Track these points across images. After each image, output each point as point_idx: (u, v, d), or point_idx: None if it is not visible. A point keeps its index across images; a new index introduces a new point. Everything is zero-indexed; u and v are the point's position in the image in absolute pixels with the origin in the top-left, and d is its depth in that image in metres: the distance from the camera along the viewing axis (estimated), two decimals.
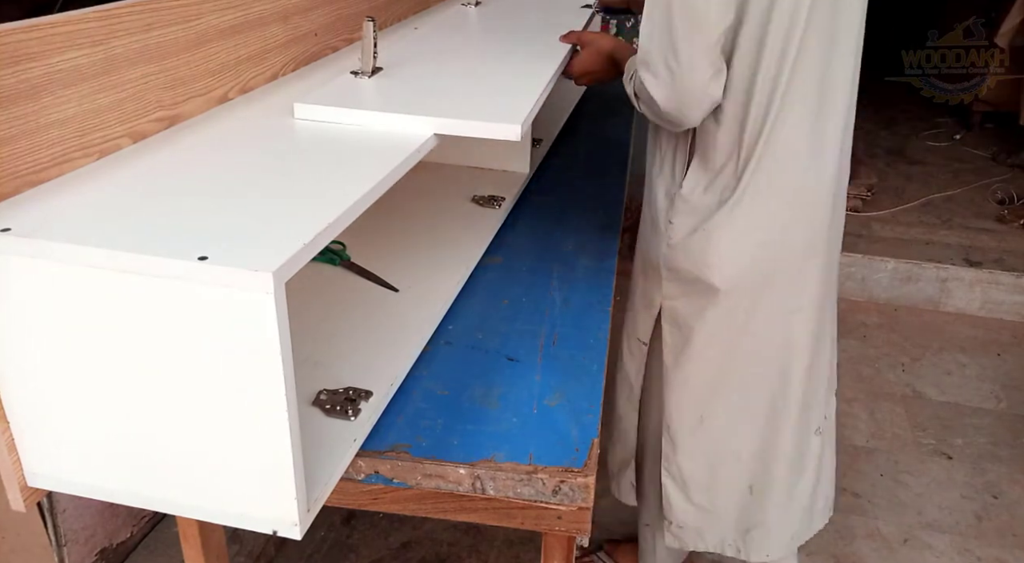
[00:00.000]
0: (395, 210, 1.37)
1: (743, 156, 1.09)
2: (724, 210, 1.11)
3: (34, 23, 0.70)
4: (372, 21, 1.03)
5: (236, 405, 0.66)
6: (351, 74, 1.07)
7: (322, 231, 0.67)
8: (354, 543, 1.81)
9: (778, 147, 1.08)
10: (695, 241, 1.14)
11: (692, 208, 1.14)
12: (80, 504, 1.55)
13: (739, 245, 1.13)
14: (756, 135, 1.07)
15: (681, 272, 1.17)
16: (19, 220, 0.67)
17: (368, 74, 1.06)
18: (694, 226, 1.13)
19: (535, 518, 0.85)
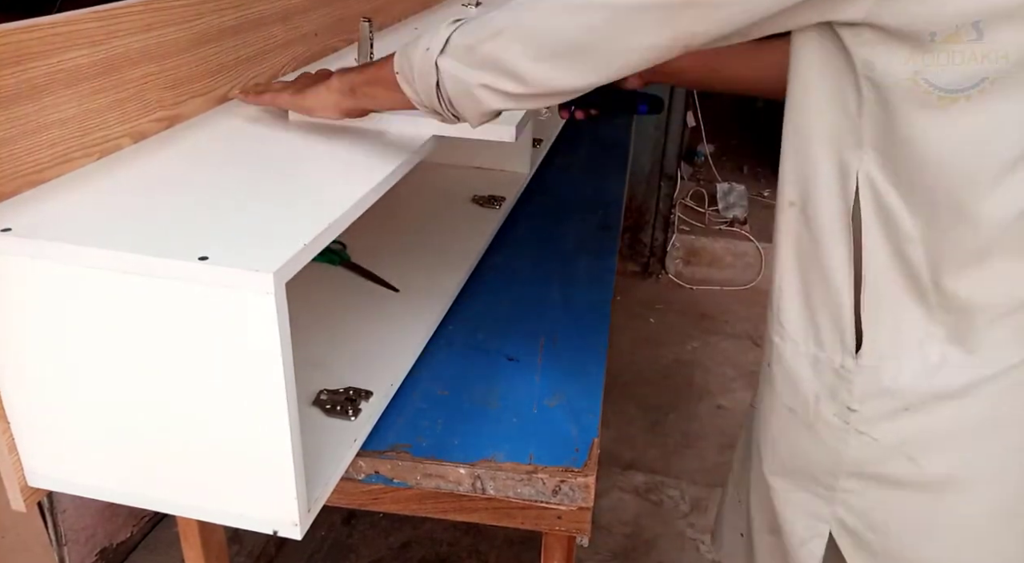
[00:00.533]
0: (395, 210, 1.37)
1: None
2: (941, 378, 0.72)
3: (34, 23, 0.70)
4: (368, 22, 1.03)
5: (236, 405, 0.66)
6: None
7: (323, 231, 0.67)
8: (354, 543, 1.81)
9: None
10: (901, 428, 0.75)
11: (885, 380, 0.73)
12: (80, 504, 1.55)
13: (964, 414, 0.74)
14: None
15: (874, 474, 0.77)
16: (19, 220, 0.67)
17: None
18: (898, 406, 0.74)
19: (535, 518, 0.85)
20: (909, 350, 0.72)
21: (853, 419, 0.75)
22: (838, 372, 0.74)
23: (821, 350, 0.75)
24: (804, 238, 0.72)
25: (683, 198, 3.25)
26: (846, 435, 0.75)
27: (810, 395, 0.77)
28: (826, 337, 0.75)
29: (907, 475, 0.75)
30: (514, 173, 1.55)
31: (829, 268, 0.71)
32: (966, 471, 0.75)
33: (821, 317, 0.74)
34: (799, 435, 0.79)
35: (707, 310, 2.89)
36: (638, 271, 3.13)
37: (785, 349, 0.78)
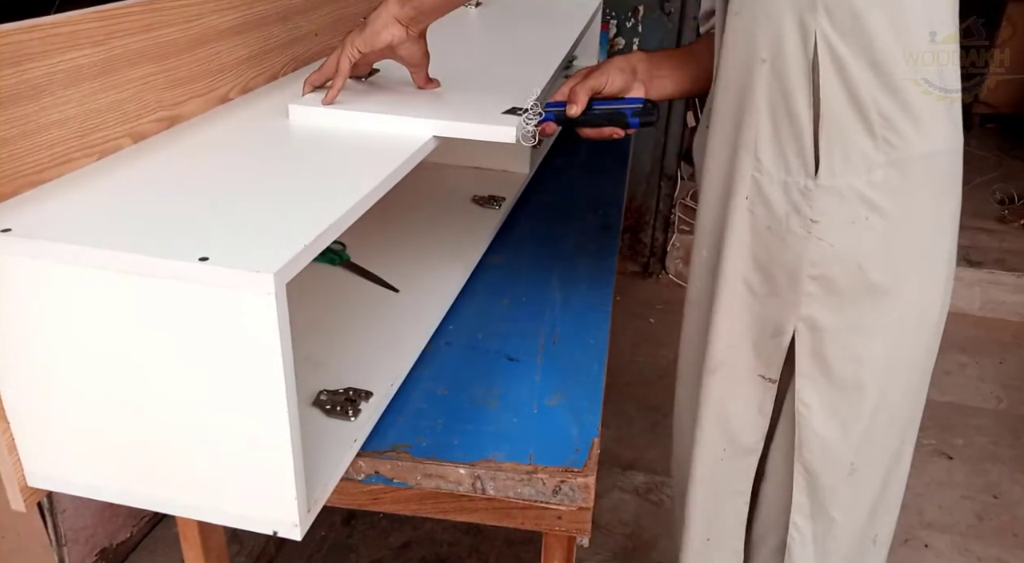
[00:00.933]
0: (395, 210, 1.37)
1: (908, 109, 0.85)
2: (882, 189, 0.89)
3: (34, 23, 0.70)
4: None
5: (236, 405, 0.66)
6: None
7: (323, 232, 0.67)
8: (354, 543, 1.81)
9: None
10: (851, 235, 0.90)
11: (840, 194, 0.89)
12: (80, 504, 1.55)
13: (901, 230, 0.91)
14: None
15: (831, 275, 0.92)
16: (20, 220, 0.67)
17: (364, 76, 1.06)
18: (847, 216, 0.90)
19: (535, 518, 0.85)
20: (858, 173, 0.88)
21: (814, 229, 0.91)
22: (802, 191, 0.90)
23: (789, 175, 0.90)
24: (774, 87, 0.87)
25: (683, 198, 3.25)
26: (808, 242, 0.92)
27: (781, 213, 0.92)
28: (792, 164, 0.90)
29: (856, 280, 0.92)
30: (514, 173, 1.55)
31: (794, 110, 0.86)
32: (895, 279, 0.93)
33: (788, 150, 0.89)
34: (774, 246, 0.94)
35: None
36: (638, 271, 3.12)
37: (762, 180, 0.92)
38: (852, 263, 0.91)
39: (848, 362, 0.95)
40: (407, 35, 0.95)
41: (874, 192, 0.88)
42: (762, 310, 0.98)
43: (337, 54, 0.96)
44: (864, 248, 0.90)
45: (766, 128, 0.89)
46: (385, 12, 0.94)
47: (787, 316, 0.96)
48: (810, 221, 0.90)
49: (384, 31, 0.94)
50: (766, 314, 0.98)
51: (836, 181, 0.88)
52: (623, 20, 2.74)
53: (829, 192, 0.89)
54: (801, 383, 0.97)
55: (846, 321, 0.94)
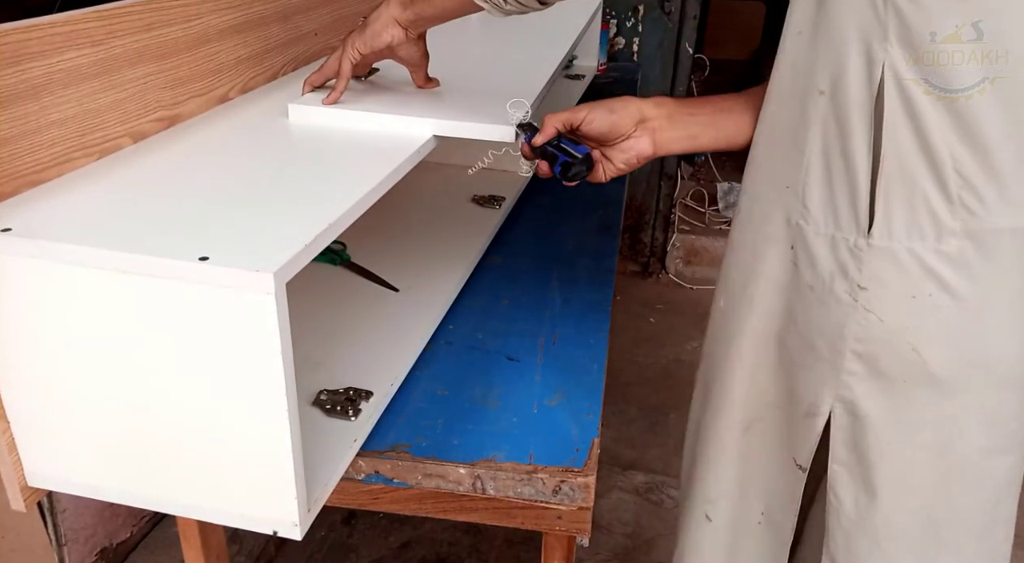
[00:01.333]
0: (395, 210, 1.37)
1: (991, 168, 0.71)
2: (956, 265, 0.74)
3: (34, 23, 0.70)
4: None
5: (236, 405, 0.66)
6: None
7: (323, 232, 0.67)
8: (354, 543, 1.81)
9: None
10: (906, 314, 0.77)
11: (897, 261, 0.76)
12: (80, 504, 1.55)
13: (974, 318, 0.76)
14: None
15: (877, 355, 0.79)
16: (19, 220, 0.67)
17: (363, 76, 1.06)
18: (905, 290, 0.76)
19: (535, 518, 0.85)
20: (924, 238, 0.75)
21: (862, 297, 0.78)
22: (851, 250, 0.78)
23: (838, 230, 0.78)
24: (830, 123, 0.76)
25: (683, 198, 3.25)
26: (853, 312, 0.79)
27: (826, 272, 0.80)
28: (843, 217, 0.78)
29: (909, 366, 0.78)
30: (514, 173, 1.55)
31: (851, 151, 0.75)
32: (958, 372, 0.78)
33: (840, 198, 0.78)
34: (813, 311, 0.82)
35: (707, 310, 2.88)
36: (638, 271, 3.12)
37: (807, 230, 0.81)
38: (906, 345, 0.77)
39: (892, 461, 0.82)
40: (406, 37, 0.94)
41: (943, 265, 0.74)
42: (793, 383, 0.86)
43: (338, 55, 0.95)
44: (924, 330, 0.76)
45: (817, 170, 0.78)
46: (386, 13, 0.93)
47: (823, 394, 0.84)
48: (858, 287, 0.78)
49: (384, 32, 0.93)
50: (798, 389, 0.86)
51: (894, 244, 0.75)
52: (623, 19, 2.74)
53: (884, 256, 0.76)
54: (835, 472, 0.85)
55: (894, 412, 0.81)
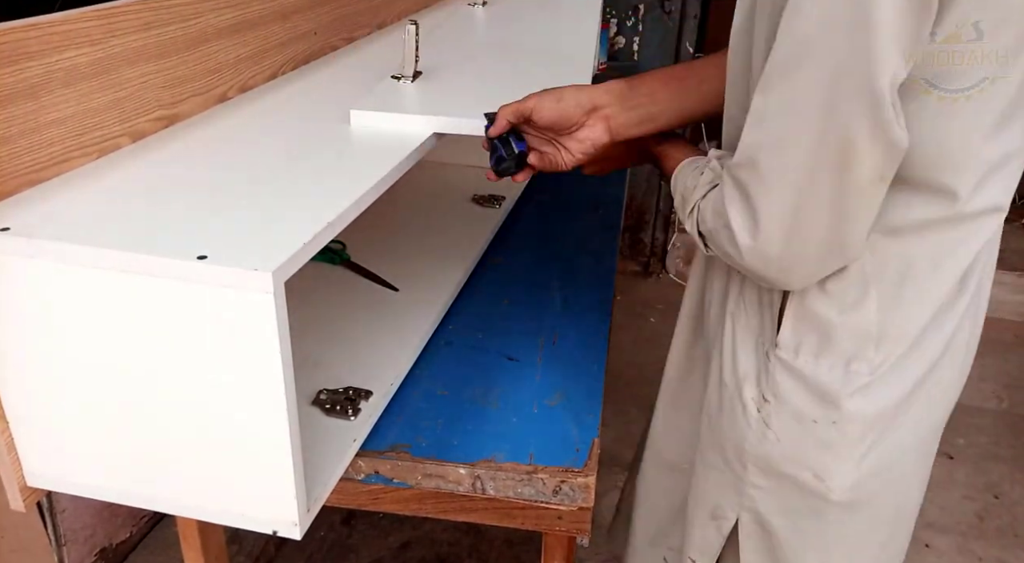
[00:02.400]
0: (395, 209, 1.37)
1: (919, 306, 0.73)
2: (862, 397, 0.74)
3: (33, 22, 0.70)
4: (415, 24, 1.00)
5: (236, 405, 0.66)
6: (392, 78, 1.05)
7: (322, 230, 0.67)
8: (354, 543, 1.81)
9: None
10: (807, 437, 0.77)
11: (801, 381, 0.76)
12: (80, 504, 1.55)
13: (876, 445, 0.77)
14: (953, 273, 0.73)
15: (779, 474, 0.80)
16: (18, 220, 0.67)
17: (410, 78, 1.05)
18: (806, 413, 0.76)
19: (535, 518, 0.85)
20: (830, 360, 0.74)
21: (764, 410, 0.78)
22: (766, 356, 0.78)
23: (762, 332, 0.78)
24: None
25: None
26: (756, 423, 0.78)
27: (741, 372, 0.80)
28: (767, 320, 0.78)
29: (811, 488, 0.78)
30: None
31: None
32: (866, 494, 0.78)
33: (766, 301, 0.78)
34: (718, 410, 0.83)
35: None
36: (639, 271, 3.12)
37: (739, 321, 0.80)
38: (804, 468, 0.77)
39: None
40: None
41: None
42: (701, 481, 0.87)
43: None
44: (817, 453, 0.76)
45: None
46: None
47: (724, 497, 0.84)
48: (762, 398, 0.78)
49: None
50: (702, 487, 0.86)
51: (795, 363, 0.75)
52: (623, 19, 2.74)
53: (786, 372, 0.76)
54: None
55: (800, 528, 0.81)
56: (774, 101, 0.63)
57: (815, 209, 0.63)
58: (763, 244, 0.66)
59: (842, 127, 0.60)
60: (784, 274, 0.68)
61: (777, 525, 0.82)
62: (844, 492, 0.77)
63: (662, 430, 1.01)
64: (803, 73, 0.60)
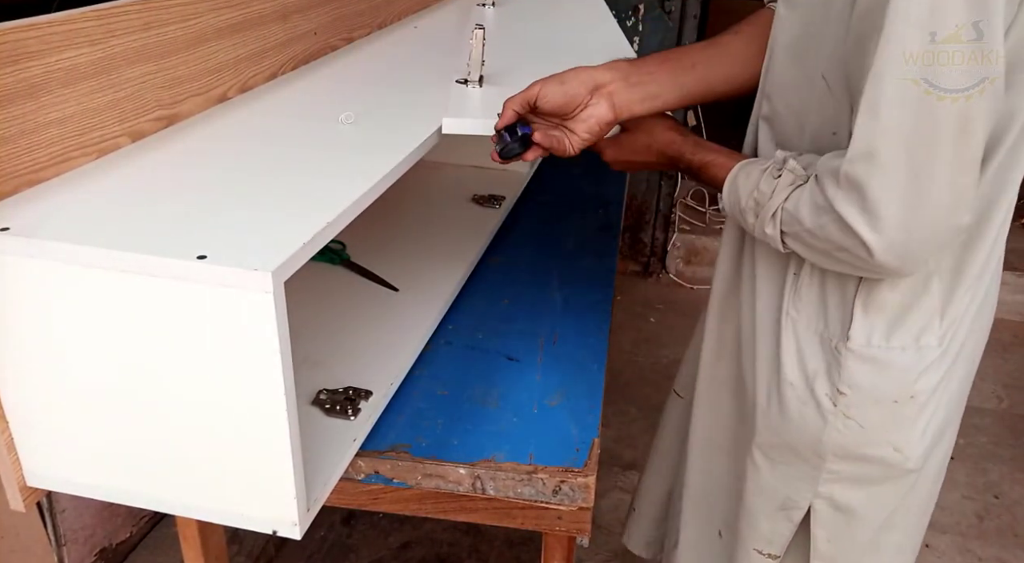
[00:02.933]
0: (395, 209, 1.37)
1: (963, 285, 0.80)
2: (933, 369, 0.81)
3: (32, 22, 0.70)
4: (482, 29, 0.99)
5: (236, 405, 0.66)
6: (458, 83, 1.05)
7: (322, 230, 0.67)
8: (354, 543, 1.81)
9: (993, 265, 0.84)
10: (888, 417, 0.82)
11: (877, 366, 0.80)
12: (80, 504, 1.55)
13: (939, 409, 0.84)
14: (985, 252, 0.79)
15: (860, 457, 0.84)
16: (18, 220, 0.67)
17: (477, 83, 1.04)
18: (886, 395, 0.81)
19: (535, 518, 0.85)
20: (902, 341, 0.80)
21: (841, 402, 0.82)
22: (835, 352, 0.81)
23: (827, 328, 0.82)
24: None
25: (683, 197, 3.25)
26: (834, 417, 0.82)
27: (810, 371, 0.83)
28: (832, 316, 0.81)
29: (891, 462, 0.84)
30: (514, 172, 1.55)
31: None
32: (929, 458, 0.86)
33: (831, 298, 0.81)
34: (791, 408, 0.85)
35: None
36: (639, 271, 3.12)
37: (800, 321, 0.83)
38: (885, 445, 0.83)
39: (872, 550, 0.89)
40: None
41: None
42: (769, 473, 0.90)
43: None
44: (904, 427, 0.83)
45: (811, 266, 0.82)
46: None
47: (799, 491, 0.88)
48: (837, 391, 0.82)
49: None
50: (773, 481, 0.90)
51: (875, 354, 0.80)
52: (623, 19, 2.74)
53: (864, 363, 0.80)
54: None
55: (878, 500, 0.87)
56: (891, 90, 0.64)
57: (938, 187, 0.66)
58: (889, 235, 0.68)
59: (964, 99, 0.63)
60: (911, 261, 0.70)
61: (856, 502, 0.86)
62: (917, 460, 0.84)
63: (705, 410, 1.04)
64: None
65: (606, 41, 1.32)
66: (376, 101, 1.04)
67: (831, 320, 0.81)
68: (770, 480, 0.90)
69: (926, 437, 0.83)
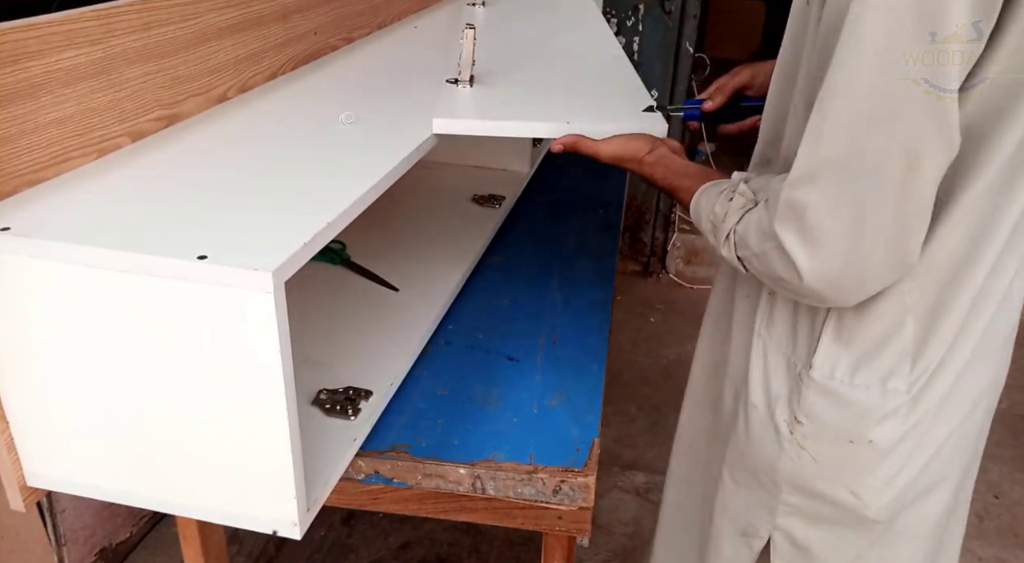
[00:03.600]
0: (395, 209, 1.37)
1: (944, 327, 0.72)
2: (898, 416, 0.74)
3: (32, 22, 0.70)
4: (472, 29, 1.00)
5: (236, 405, 0.66)
6: (448, 83, 1.05)
7: (322, 230, 0.67)
8: (354, 543, 1.81)
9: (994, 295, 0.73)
10: (843, 457, 0.77)
11: (836, 401, 0.76)
12: (80, 504, 1.55)
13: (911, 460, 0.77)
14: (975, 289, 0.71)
15: (815, 493, 0.80)
16: (18, 219, 0.67)
17: (468, 83, 1.04)
18: (842, 434, 0.76)
19: (535, 518, 0.85)
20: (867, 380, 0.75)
21: (798, 431, 0.78)
22: (798, 378, 0.78)
23: (794, 353, 0.79)
24: None
25: None
26: (790, 445, 0.79)
27: (773, 394, 0.80)
28: (800, 342, 0.78)
29: (848, 506, 0.79)
30: (514, 172, 1.55)
31: None
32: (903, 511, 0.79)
33: (801, 322, 0.78)
34: (754, 433, 0.83)
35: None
36: (639, 271, 3.12)
37: (771, 343, 0.81)
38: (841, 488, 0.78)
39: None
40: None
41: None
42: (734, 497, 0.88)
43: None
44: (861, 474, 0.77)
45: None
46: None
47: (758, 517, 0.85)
48: (795, 421, 0.78)
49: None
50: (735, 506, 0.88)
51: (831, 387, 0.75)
52: (623, 18, 2.74)
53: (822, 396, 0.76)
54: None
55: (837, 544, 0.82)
56: (834, 115, 0.62)
57: (879, 219, 0.62)
58: (824, 262, 0.65)
59: (910, 131, 0.60)
60: (842, 291, 0.67)
61: (813, 541, 0.82)
62: (881, 510, 0.78)
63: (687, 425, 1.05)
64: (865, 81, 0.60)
65: (596, 42, 1.33)
66: (376, 101, 1.04)
67: (799, 345, 0.77)
68: (735, 503, 0.87)
69: (891, 488, 0.77)
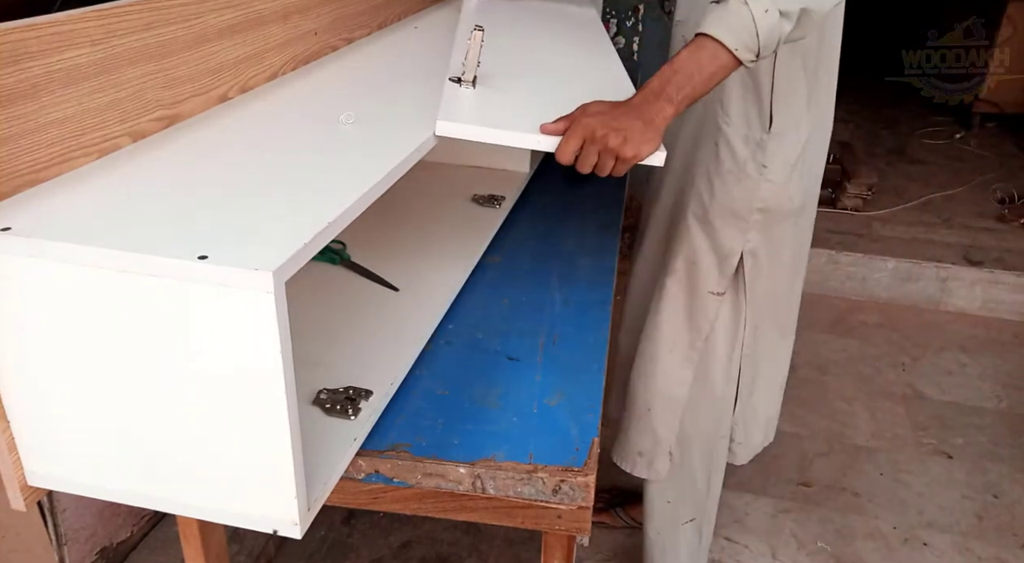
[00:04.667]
0: (395, 209, 1.37)
1: (810, 88, 1.22)
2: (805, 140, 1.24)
3: (33, 22, 0.70)
4: (481, 30, 0.99)
5: (236, 404, 0.66)
6: (451, 81, 1.05)
7: (322, 230, 0.67)
8: (354, 543, 1.81)
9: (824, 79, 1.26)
10: (791, 172, 1.24)
11: (785, 146, 1.22)
12: (80, 503, 1.55)
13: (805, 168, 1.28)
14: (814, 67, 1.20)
15: (769, 209, 1.27)
16: (19, 220, 0.67)
17: (471, 84, 1.04)
18: (791, 162, 1.23)
19: (535, 517, 0.85)
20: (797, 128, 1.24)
21: (765, 172, 1.24)
22: (759, 143, 1.23)
23: (749, 130, 1.23)
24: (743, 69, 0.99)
25: None
26: (760, 182, 1.25)
27: (741, 158, 1.24)
28: (753, 121, 1.22)
29: (788, 206, 1.29)
30: (514, 172, 1.55)
31: (759, 84, 1.19)
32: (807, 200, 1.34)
33: (751, 110, 1.22)
34: (733, 185, 1.27)
35: None
36: None
37: (728, 131, 1.24)
38: (785, 195, 1.27)
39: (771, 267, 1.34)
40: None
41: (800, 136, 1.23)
42: (716, 237, 1.32)
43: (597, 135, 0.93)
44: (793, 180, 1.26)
45: (736, 93, 1.20)
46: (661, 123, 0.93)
47: (736, 242, 1.30)
48: (762, 165, 1.24)
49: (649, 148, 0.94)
50: (719, 241, 1.31)
51: (781, 135, 1.22)
52: (623, 19, 2.74)
53: (777, 141, 1.22)
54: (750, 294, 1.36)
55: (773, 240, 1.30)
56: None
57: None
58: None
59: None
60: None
61: (763, 250, 1.31)
62: (797, 198, 1.29)
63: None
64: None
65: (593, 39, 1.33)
66: (376, 101, 1.04)
67: (752, 124, 1.22)
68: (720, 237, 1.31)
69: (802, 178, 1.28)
